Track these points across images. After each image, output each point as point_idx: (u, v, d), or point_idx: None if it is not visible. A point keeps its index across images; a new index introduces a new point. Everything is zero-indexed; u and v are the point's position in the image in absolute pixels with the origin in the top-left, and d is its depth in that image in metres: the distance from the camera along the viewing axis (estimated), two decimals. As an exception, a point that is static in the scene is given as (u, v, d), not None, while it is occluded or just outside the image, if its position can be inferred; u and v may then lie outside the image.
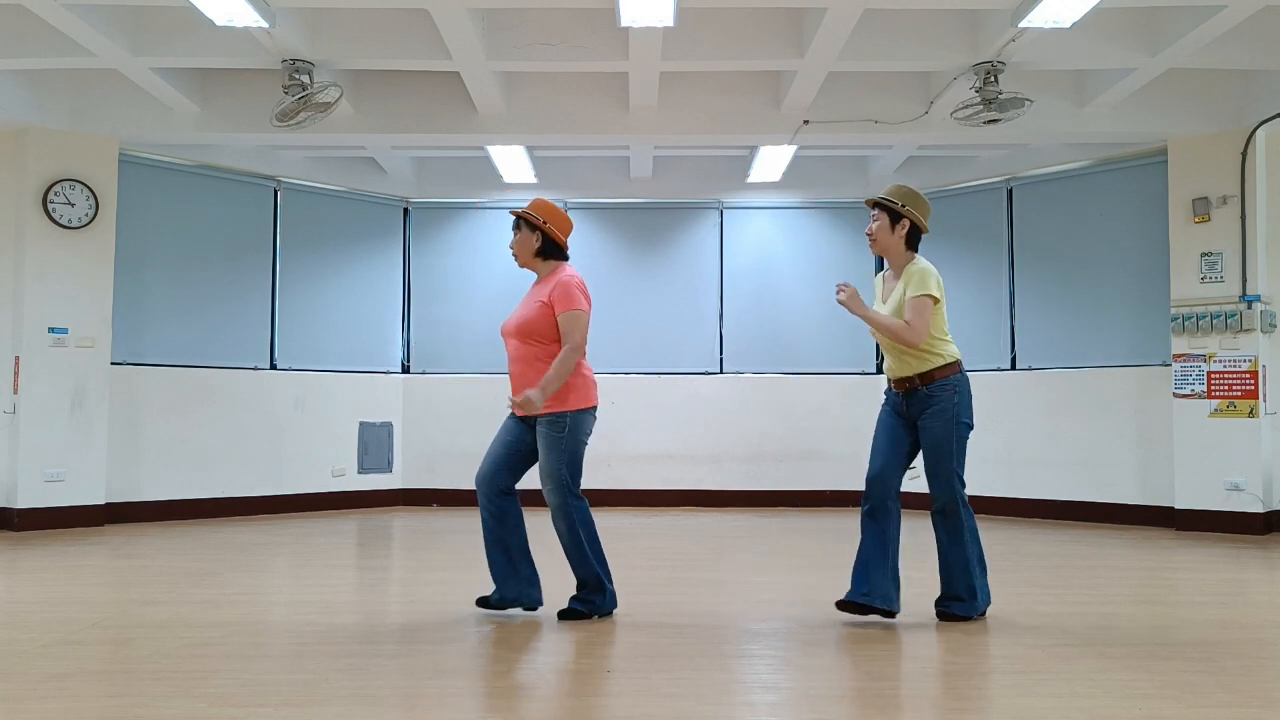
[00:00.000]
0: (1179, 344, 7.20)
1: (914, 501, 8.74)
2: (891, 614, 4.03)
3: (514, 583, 4.16)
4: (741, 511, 8.57)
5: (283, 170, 8.51)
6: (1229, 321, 6.96)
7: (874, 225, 4.24)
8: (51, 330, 7.08)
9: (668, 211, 9.34)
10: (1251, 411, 6.90)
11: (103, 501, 7.27)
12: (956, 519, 4.04)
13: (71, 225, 7.18)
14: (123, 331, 7.53)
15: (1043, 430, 7.99)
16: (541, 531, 4.34)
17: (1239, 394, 6.94)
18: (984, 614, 4.15)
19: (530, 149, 8.27)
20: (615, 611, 4.22)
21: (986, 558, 4.16)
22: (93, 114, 7.20)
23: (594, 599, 4.13)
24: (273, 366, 8.40)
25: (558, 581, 4.37)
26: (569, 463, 4.05)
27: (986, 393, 8.32)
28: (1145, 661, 3.48)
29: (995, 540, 6.75)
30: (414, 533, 7.26)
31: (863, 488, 4.20)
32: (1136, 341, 7.63)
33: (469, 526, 7.56)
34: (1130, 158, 7.71)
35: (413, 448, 9.06)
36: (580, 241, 9.30)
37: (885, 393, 4.27)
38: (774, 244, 9.29)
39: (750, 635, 3.93)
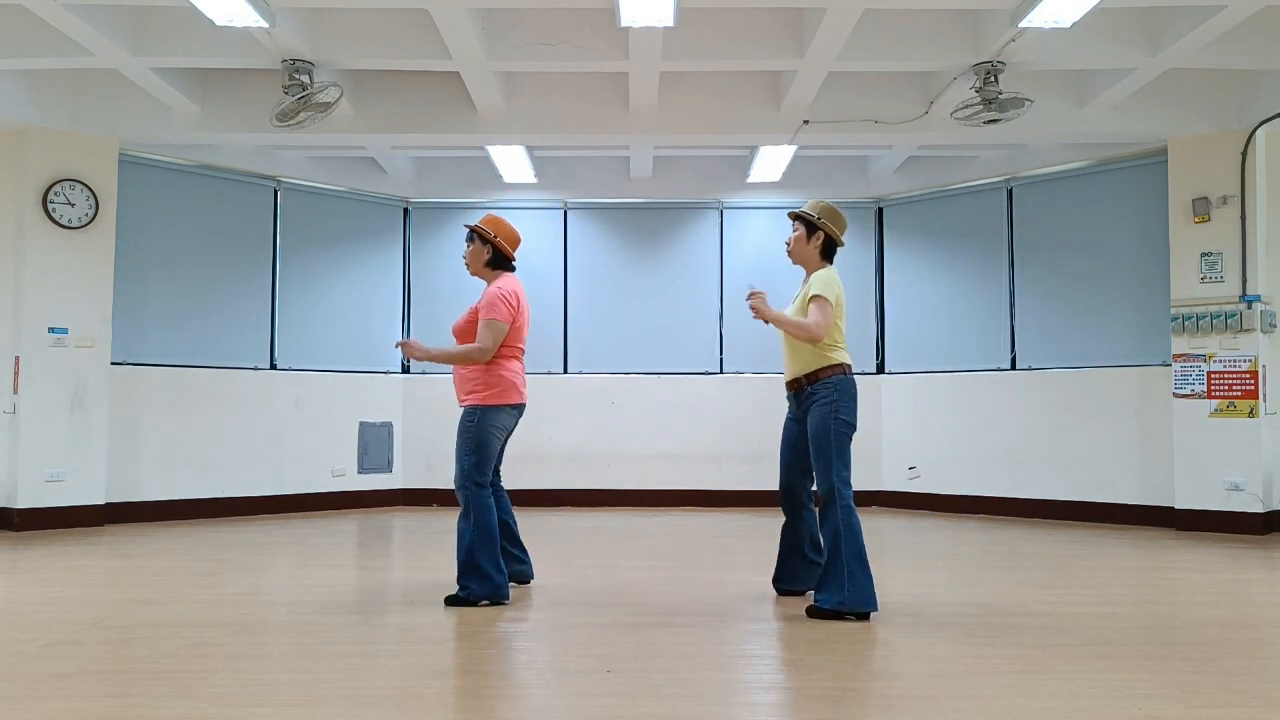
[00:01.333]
0: (1179, 344, 7.20)
1: (918, 501, 8.75)
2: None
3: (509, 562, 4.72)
4: (741, 511, 8.57)
5: (283, 170, 8.50)
6: (1229, 321, 6.96)
7: (792, 236, 4.53)
8: (51, 330, 7.08)
9: (668, 211, 9.34)
10: (1251, 411, 6.90)
11: (103, 501, 7.27)
12: (833, 516, 4.19)
13: (71, 225, 7.18)
14: (123, 331, 7.53)
15: (1043, 430, 7.99)
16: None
17: (1239, 394, 6.94)
18: (864, 616, 4.13)
19: (530, 149, 8.27)
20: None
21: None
22: (93, 114, 7.20)
23: (468, 584, 4.42)
24: (273, 366, 8.40)
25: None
26: (474, 451, 4.45)
27: (986, 393, 8.39)
28: (1145, 661, 3.48)
29: (995, 540, 6.75)
30: (414, 533, 7.25)
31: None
32: (1136, 341, 7.63)
33: (469, 526, 7.55)
34: (1130, 158, 7.71)
35: (413, 448, 9.06)
36: (580, 241, 9.36)
37: (787, 399, 4.58)
38: (774, 244, 9.26)
39: (750, 635, 3.93)
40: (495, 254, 4.72)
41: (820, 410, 4.26)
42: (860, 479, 8.96)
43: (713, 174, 9.18)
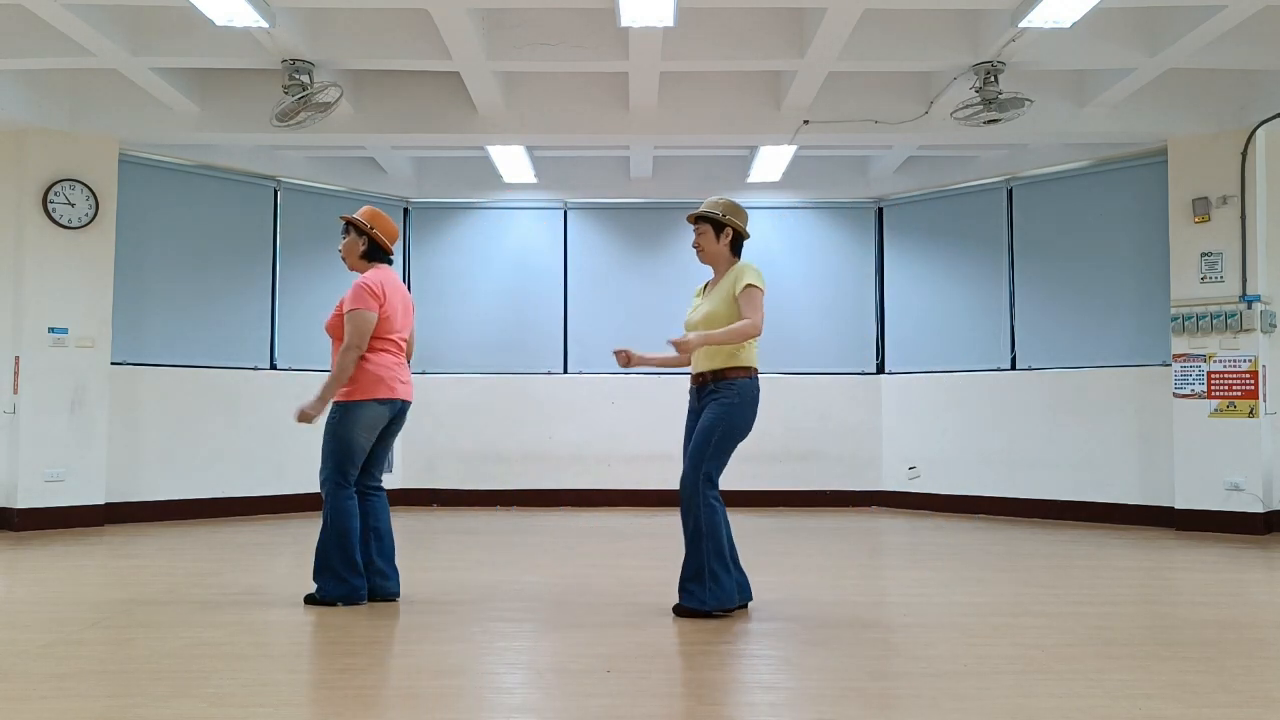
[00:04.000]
0: (1179, 344, 7.20)
1: (918, 501, 8.75)
2: (742, 607, 4.27)
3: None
4: (742, 511, 8.56)
5: (283, 170, 8.50)
6: (1229, 321, 6.96)
7: (699, 238, 4.43)
8: (51, 330, 7.08)
9: (668, 211, 9.33)
10: (1251, 411, 6.90)
11: (103, 501, 7.27)
12: (694, 512, 4.14)
13: (71, 225, 7.18)
14: (123, 331, 7.52)
15: (1043, 430, 7.99)
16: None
17: (1239, 394, 6.94)
18: (729, 611, 4.20)
19: (530, 149, 8.27)
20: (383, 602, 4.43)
21: (740, 555, 4.28)
22: (93, 114, 7.20)
23: (323, 584, 4.37)
24: (273, 366, 8.39)
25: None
26: (339, 449, 4.35)
27: (986, 393, 8.39)
28: (1145, 661, 3.48)
29: (995, 540, 6.75)
30: (414, 533, 7.26)
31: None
32: (1136, 341, 7.63)
33: (469, 526, 7.56)
34: (1130, 158, 7.71)
35: (413, 448, 9.05)
36: (580, 241, 9.36)
37: (690, 394, 4.43)
38: (774, 244, 9.28)
39: (750, 635, 3.93)
40: (371, 246, 4.61)
41: (717, 408, 4.18)
42: (860, 479, 8.99)
43: (713, 174, 9.17)
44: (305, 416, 4.30)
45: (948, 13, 6.23)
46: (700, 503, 4.15)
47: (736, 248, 4.46)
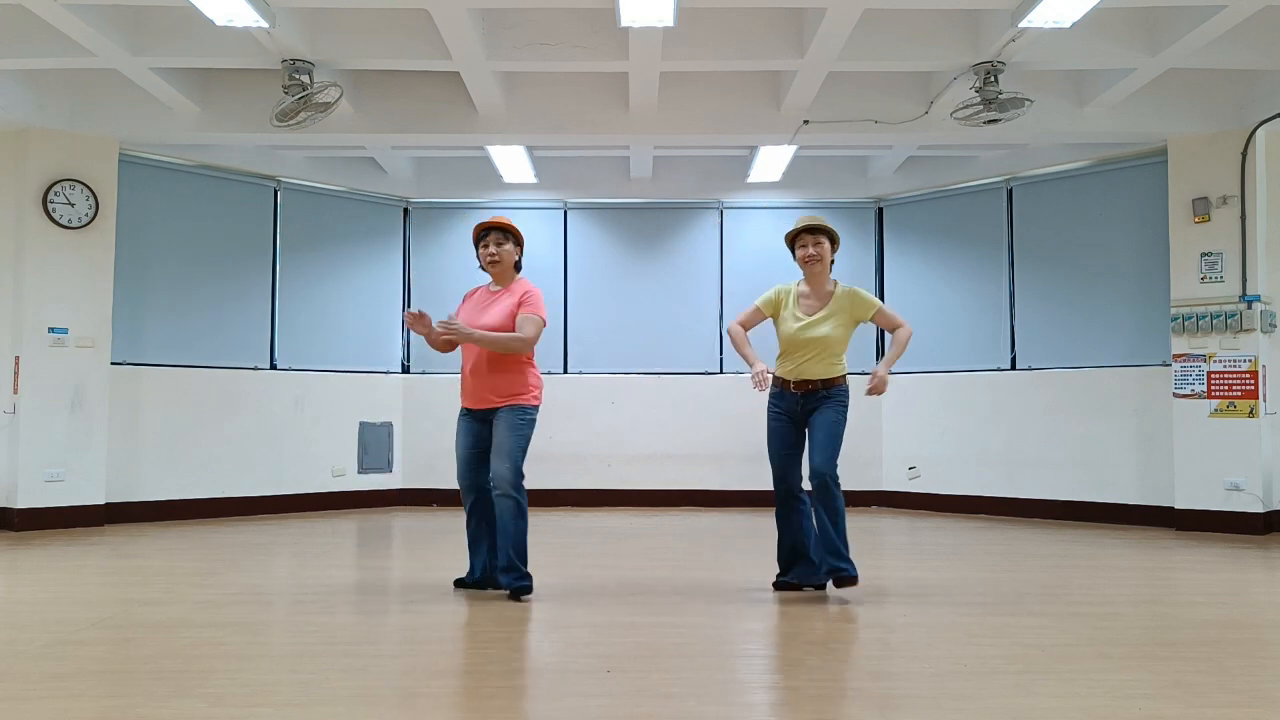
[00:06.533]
0: (1179, 344, 7.20)
1: (918, 501, 8.75)
2: (822, 587, 4.74)
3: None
4: (742, 511, 8.56)
5: (283, 170, 8.50)
6: (1229, 321, 6.96)
7: (820, 249, 4.85)
8: (51, 330, 7.08)
9: (668, 211, 9.34)
10: (1251, 411, 6.90)
11: (102, 501, 7.27)
12: (836, 496, 4.59)
13: (71, 225, 7.18)
14: (123, 331, 7.52)
15: (1043, 430, 7.99)
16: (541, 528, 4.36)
17: (1239, 394, 6.94)
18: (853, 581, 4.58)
19: (530, 149, 8.27)
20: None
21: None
22: (93, 114, 7.20)
23: (529, 574, 4.58)
24: (273, 366, 8.39)
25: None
26: (525, 448, 4.59)
27: (987, 393, 8.39)
28: (1145, 661, 3.48)
29: (995, 540, 6.75)
30: (414, 533, 7.26)
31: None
32: (1136, 341, 7.63)
33: (469, 526, 7.54)
34: (1130, 158, 7.71)
35: (413, 448, 9.05)
36: (580, 241, 9.36)
37: (777, 398, 4.87)
38: (774, 244, 9.24)
39: (750, 635, 3.93)
40: (519, 257, 4.88)
41: (838, 407, 4.73)
42: (860, 479, 8.98)
43: (713, 174, 9.18)
44: (449, 329, 4.49)
45: (948, 13, 6.24)
46: (838, 486, 4.59)
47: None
